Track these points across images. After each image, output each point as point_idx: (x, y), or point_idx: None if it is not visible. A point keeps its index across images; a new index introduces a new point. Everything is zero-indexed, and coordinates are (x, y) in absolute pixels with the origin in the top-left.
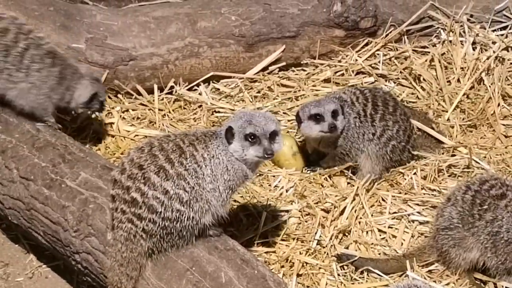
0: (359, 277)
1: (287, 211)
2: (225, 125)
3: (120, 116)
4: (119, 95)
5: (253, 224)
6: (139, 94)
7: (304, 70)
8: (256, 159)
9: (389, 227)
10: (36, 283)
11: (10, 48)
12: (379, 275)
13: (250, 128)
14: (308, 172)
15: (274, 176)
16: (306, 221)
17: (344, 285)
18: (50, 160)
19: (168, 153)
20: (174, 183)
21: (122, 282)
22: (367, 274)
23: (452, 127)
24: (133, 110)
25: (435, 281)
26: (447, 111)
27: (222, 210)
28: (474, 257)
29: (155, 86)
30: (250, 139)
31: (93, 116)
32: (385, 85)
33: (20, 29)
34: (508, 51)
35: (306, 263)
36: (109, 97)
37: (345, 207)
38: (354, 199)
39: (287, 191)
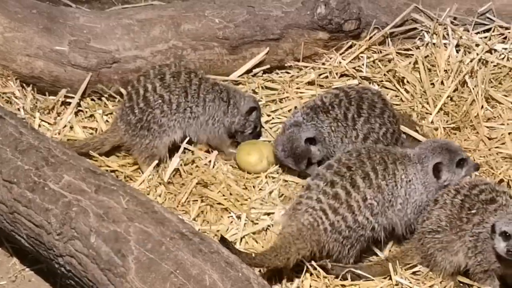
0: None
1: (270, 213)
2: (424, 154)
3: (103, 119)
4: (102, 98)
5: (236, 226)
6: (123, 97)
7: (288, 73)
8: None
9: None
10: (19, 286)
11: (187, 88)
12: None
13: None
14: None
15: (257, 178)
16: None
17: (328, 286)
18: (33, 163)
19: (374, 163)
20: (373, 193)
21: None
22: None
23: (436, 129)
24: (115, 113)
25: (419, 283)
26: (431, 114)
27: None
28: (460, 260)
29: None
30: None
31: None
32: None
33: (188, 69)
34: (491, 53)
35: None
36: (92, 100)
37: None
38: None
39: (270, 193)
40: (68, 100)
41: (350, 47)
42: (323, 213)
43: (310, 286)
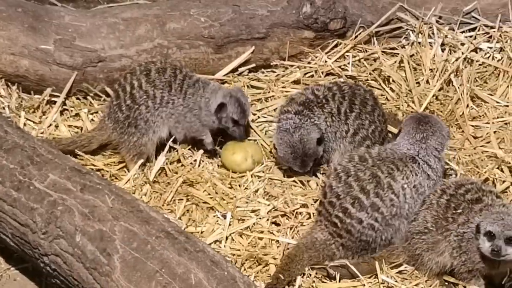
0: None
1: (256, 211)
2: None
3: (89, 118)
4: (88, 97)
5: (221, 225)
6: (108, 96)
7: (274, 72)
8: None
9: None
10: (4, 285)
11: (171, 82)
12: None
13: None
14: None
15: (243, 177)
16: (274, 223)
17: (317, 286)
18: (18, 162)
19: (363, 183)
20: (368, 214)
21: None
22: (340, 277)
23: None
24: (102, 112)
25: (405, 283)
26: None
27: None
28: (445, 260)
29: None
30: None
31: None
32: None
33: (174, 66)
34: (476, 52)
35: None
36: (78, 99)
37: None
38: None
39: (256, 192)
40: (53, 99)
41: (336, 46)
42: (331, 236)
43: (300, 286)
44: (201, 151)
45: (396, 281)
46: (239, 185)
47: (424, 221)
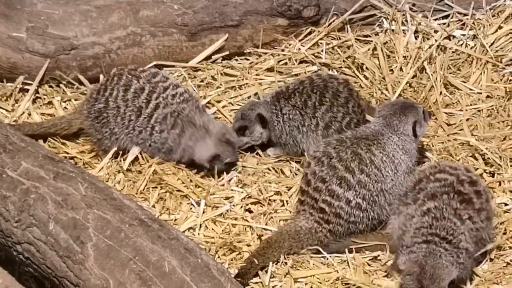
0: (303, 266)
1: (229, 198)
2: (392, 121)
3: (62, 106)
4: (60, 85)
5: (195, 213)
6: (81, 83)
7: (248, 59)
8: None
9: None
10: None
11: (142, 109)
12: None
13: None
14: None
15: None
16: (248, 210)
17: (290, 274)
18: None
19: (347, 163)
20: (355, 192)
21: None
22: (313, 264)
23: None
24: (75, 100)
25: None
26: (390, 100)
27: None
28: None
29: (101, 77)
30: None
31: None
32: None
33: (154, 88)
34: (450, 39)
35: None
36: (51, 87)
37: (290, 196)
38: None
39: (229, 181)
40: (26, 87)
41: (309, 33)
42: (319, 224)
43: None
44: None
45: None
46: (212, 174)
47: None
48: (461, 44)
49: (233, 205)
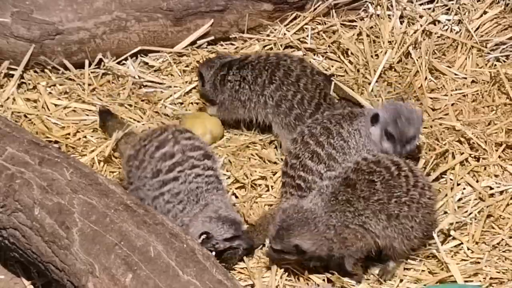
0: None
1: None
2: (373, 108)
3: (47, 91)
4: (45, 70)
5: None
6: (66, 69)
7: (233, 44)
8: (386, 151)
9: None
10: None
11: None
12: None
13: (392, 128)
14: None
15: None
16: (234, 194)
17: (265, 263)
18: None
19: (317, 137)
20: (325, 165)
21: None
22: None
23: (379, 100)
24: (60, 85)
25: None
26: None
27: None
28: None
29: (86, 62)
30: (388, 136)
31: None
32: (314, 59)
33: (183, 162)
34: (435, 24)
35: None
36: (36, 72)
37: (275, 181)
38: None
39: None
40: (11, 72)
41: (295, 18)
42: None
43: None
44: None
45: None
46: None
47: None
48: (446, 29)
49: None
